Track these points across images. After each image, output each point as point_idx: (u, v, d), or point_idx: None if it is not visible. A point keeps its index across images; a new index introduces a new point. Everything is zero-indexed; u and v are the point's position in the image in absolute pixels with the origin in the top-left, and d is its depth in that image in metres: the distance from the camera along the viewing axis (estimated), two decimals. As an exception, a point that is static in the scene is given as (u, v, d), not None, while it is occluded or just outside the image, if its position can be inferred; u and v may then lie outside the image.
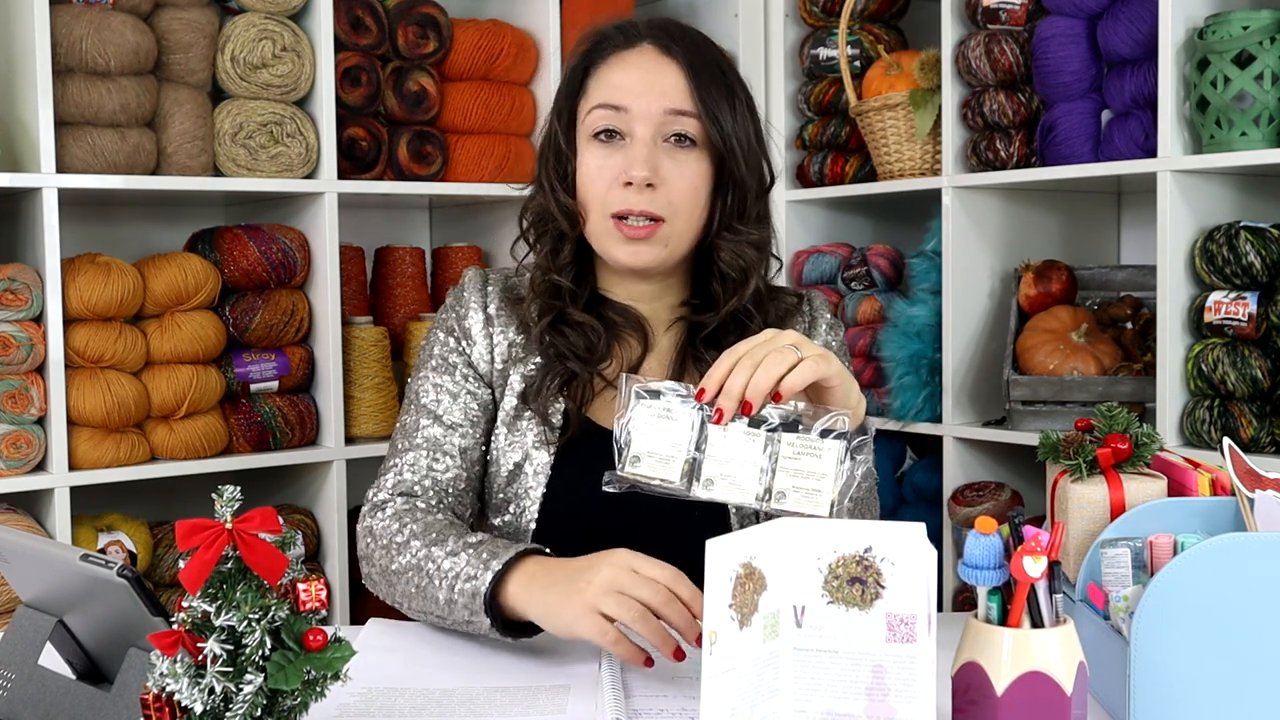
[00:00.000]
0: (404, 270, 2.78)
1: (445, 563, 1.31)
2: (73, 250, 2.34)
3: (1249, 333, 2.13)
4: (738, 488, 1.17)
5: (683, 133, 1.44)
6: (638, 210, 1.42)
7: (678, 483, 1.18)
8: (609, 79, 1.46)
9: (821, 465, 1.16)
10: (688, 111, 1.43)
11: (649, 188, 1.42)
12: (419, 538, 1.36)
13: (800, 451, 1.17)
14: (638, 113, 1.43)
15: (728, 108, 1.45)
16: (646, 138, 1.43)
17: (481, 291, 1.54)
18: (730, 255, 1.47)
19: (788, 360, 1.19)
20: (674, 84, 1.44)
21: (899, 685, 0.99)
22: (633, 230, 1.43)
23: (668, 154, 1.44)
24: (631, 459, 1.19)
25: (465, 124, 2.69)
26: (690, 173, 1.44)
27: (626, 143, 1.44)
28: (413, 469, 1.47)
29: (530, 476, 1.47)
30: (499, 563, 1.26)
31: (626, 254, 1.45)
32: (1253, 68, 2.09)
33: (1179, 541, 1.13)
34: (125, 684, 1.03)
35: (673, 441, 1.19)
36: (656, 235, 1.44)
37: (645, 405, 1.20)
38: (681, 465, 1.18)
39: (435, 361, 1.53)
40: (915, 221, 2.74)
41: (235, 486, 0.94)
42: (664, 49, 1.46)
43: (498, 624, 1.26)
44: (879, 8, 2.81)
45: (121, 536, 2.34)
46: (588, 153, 1.46)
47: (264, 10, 2.44)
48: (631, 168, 1.42)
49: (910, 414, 2.60)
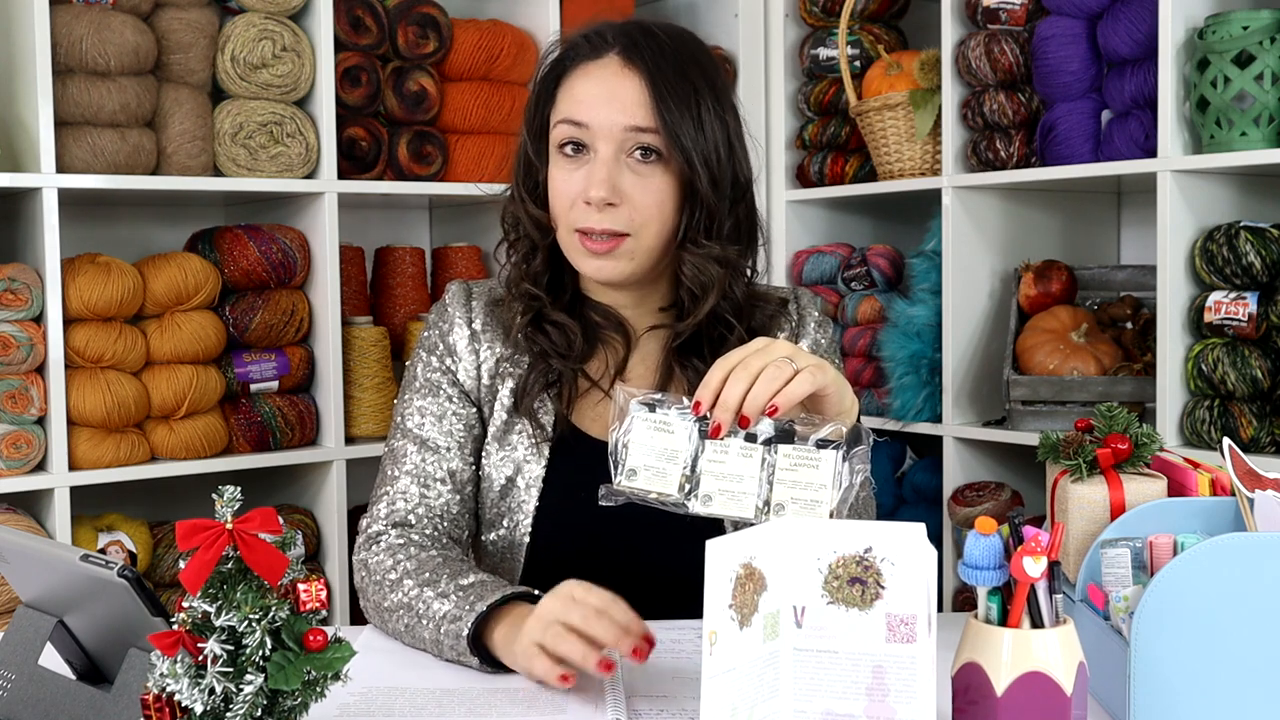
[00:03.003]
0: (404, 270, 2.79)
1: (435, 604, 1.30)
2: (73, 250, 2.34)
3: (1249, 333, 2.13)
4: (736, 503, 1.16)
5: (646, 145, 1.41)
6: (599, 229, 1.41)
7: (675, 496, 1.17)
8: (573, 91, 1.44)
9: (819, 476, 1.15)
10: (648, 127, 1.40)
11: (610, 206, 1.40)
12: (411, 576, 1.36)
13: (797, 463, 1.16)
14: (598, 129, 1.41)
15: (691, 120, 1.41)
16: (608, 156, 1.40)
17: (466, 306, 1.53)
18: (692, 270, 1.45)
19: (784, 374, 1.19)
20: (634, 98, 1.40)
21: (899, 685, 0.99)
22: (596, 245, 1.42)
23: (631, 169, 1.41)
24: (628, 472, 1.18)
25: (465, 124, 2.69)
26: (654, 187, 1.41)
27: (590, 157, 1.42)
28: (405, 497, 1.46)
29: (523, 490, 1.47)
30: (484, 605, 1.26)
31: (592, 268, 1.44)
32: (1253, 68, 2.09)
33: (1179, 541, 1.13)
34: (125, 684, 1.03)
35: (669, 455, 1.18)
36: (620, 250, 1.42)
37: (642, 418, 1.19)
38: (679, 479, 1.18)
39: (419, 384, 1.51)
40: (915, 221, 2.74)
41: (235, 487, 0.94)
42: (627, 60, 1.42)
43: (488, 663, 1.26)
44: (879, 8, 2.81)
45: (121, 536, 2.34)
46: (554, 165, 1.45)
47: (264, 10, 2.44)
48: (590, 188, 1.40)
49: (910, 414, 2.60)
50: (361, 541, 1.46)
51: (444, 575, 1.33)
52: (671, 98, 1.40)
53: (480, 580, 1.32)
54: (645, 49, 1.43)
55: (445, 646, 1.28)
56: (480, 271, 2.83)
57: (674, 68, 1.42)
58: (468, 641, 1.25)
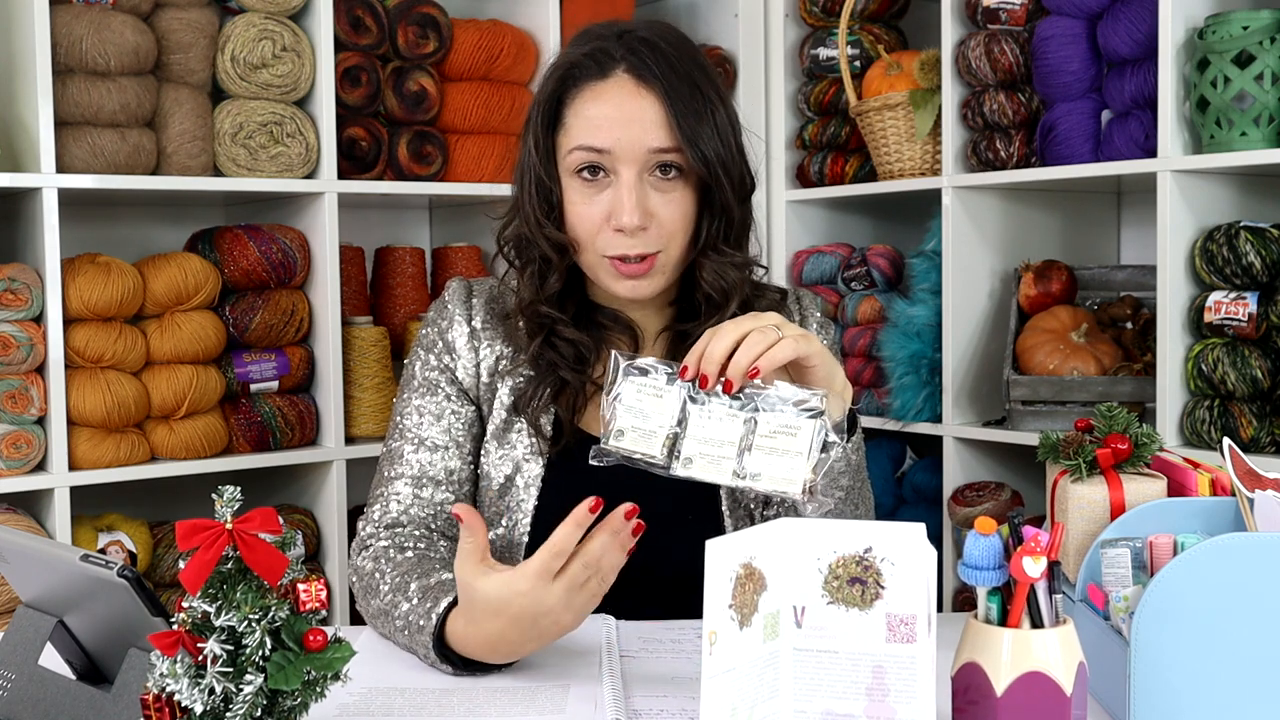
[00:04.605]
0: (404, 270, 2.79)
1: (403, 606, 1.30)
2: (73, 250, 2.34)
3: (1249, 333, 2.13)
4: (715, 466, 1.18)
5: (667, 163, 1.41)
6: (634, 254, 1.41)
7: (659, 457, 1.19)
8: (586, 114, 1.42)
9: (797, 444, 1.16)
10: (670, 147, 1.40)
11: (641, 229, 1.40)
12: (388, 581, 1.36)
13: (777, 430, 1.17)
14: (620, 154, 1.40)
15: (708, 128, 1.41)
16: (632, 179, 1.40)
17: (465, 304, 1.52)
18: (712, 276, 1.45)
19: (768, 338, 1.20)
20: (653, 119, 1.40)
21: (899, 685, 0.99)
22: (632, 269, 1.41)
23: (654, 187, 1.41)
24: (616, 433, 1.20)
25: (465, 124, 2.69)
26: (677, 202, 1.42)
27: (611, 180, 1.41)
28: (398, 499, 1.46)
29: (522, 489, 1.47)
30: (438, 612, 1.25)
31: (626, 289, 1.43)
32: (1253, 68, 2.09)
33: (1179, 541, 1.13)
34: (125, 684, 1.03)
35: (657, 417, 1.20)
36: (654, 268, 1.43)
37: (632, 381, 1.21)
38: (664, 440, 1.19)
39: (417, 382, 1.51)
40: (915, 221, 2.74)
41: (235, 487, 0.94)
42: (639, 79, 1.41)
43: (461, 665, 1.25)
44: (879, 8, 2.81)
45: (121, 536, 2.34)
46: (572, 189, 1.43)
47: (264, 10, 2.44)
48: (621, 214, 1.39)
49: (910, 414, 2.60)
50: (354, 545, 1.47)
51: (415, 578, 1.33)
52: (689, 113, 1.40)
53: (441, 581, 1.31)
54: (653, 64, 1.41)
55: (419, 655, 1.29)
56: (480, 271, 2.83)
57: (685, 80, 1.42)
58: (435, 653, 1.24)
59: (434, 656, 1.25)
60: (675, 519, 1.27)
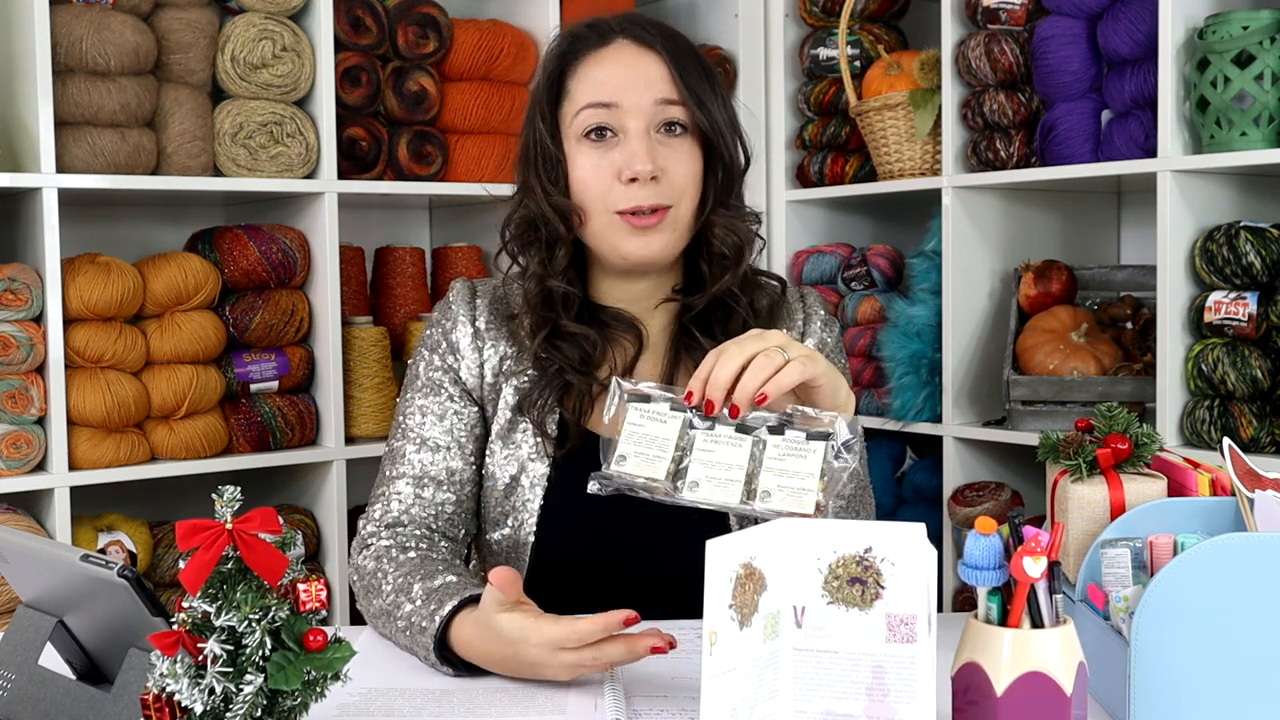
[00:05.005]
0: (404, 270, 2.79)
1: (406, 606, 1.31)
2: (73, 250, 2.34)
3: (1249, 333, 2.13)
4: (723, 489, 1.17)
5: (674, 120, 1.44)
6: (647, 205, 1.42)
7: (663, 482, 1.18)
8: (591, 77, 1.45)
9: (807, 465, 1.16)
10: (675, 100, 1.43)
11: (653, 180, 1.42)
12: (390, 581, 1.36)
13: (786, 453, 1.17)
14: (628, 107, 1.43)
15: (710, 91, 1.46)
16: (641, 131, 1.42)
17: (470, 304, 1.52)
18: (724, 232, 1.46)
19: (774, 362, 1.20)
20: (658, 74, 1.44)
21: (899, 685, 0.99)
22: (644, 220, 1.42)
23: (662, 143, 1.43)
24: (618, 458, 1.19)
25: (465, 124, 2.69)
26: (685, 158, 1.44)
27: (620, 139, 1.43)
28: (400, 499, 1.46)
29: (527, 489, 1.47)
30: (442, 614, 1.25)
31: (637, 246, 1.43)
32: (1253, 68, 2.09)
33: (1179, 541, 1.13)
34: (125, 684, 1.03)
35: (660, 443, 1.19)
36: (665, 221, 1.43)
37: (634, 407, 1.20)
38: (667, 465, 1.18)
39: (420, 382, 1.51)
40: (915, 221, 2.74)
41: (235, 487, 0.94)
42: (640, 41, 1.46)
43: (461, 668, 1.25)
44: (879, 8, 2.81)
45: (121, 536, 2.34)
46: (580, 154, 1.45)
47: (264, 10, 2.44)
48: (634, 163, 1.41)
49: (910, 414, 2.60)
50: (355, 544, 1.47)
51: (417, 578, 1.33)
52: (691, 73, 1.45)
53: (446, 583, 1.31)
54: (652, 30, 1.47)
55: (420, 656, 1.29)
56: (480, 271, 2.83)
57: (684, 49, 1.48)
58: (436, 655, 1.25)
59: (434, 658, 1.25)
60: (681, 521, 1.27)
